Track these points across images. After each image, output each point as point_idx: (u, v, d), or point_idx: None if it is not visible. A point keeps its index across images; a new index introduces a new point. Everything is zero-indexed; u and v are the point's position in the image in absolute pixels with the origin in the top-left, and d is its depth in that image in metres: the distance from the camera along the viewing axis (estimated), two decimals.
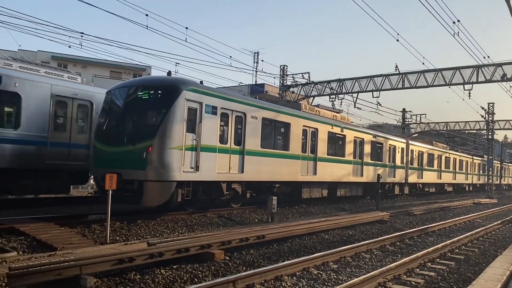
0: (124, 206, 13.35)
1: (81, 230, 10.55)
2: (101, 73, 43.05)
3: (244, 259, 8.69)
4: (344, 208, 20.14)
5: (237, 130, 14.65)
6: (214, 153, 13.48)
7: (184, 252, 8.14)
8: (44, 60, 43.37)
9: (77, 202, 16.04)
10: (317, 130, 19.14)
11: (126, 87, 13.27)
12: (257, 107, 15.79)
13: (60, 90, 14.39)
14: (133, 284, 6.55)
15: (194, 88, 13.01)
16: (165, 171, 11.89)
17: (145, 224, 12.00)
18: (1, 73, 13.08)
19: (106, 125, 13.13)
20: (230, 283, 6.42)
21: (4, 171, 13.03)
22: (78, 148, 14.81)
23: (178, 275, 7.16)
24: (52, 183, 14.75)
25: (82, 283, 6.30)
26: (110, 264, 6.86)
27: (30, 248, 8.89)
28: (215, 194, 14.27)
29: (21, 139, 13.29)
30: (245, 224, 13.78)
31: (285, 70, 31.30)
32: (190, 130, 12.65)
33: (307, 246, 10.56)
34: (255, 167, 15.24)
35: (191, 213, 13.78)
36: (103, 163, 12.47)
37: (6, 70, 13.44)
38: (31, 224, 10.25)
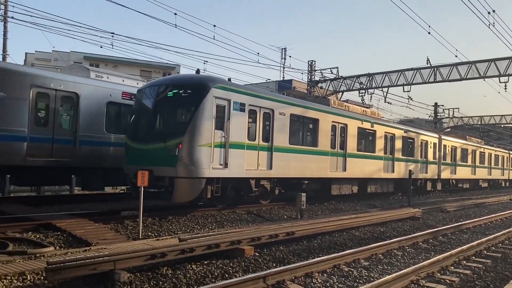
0: (156, 202, 13.64)
1: (114, 226, 10.80)
2: (131, 72, 43.82)
3: (274, 255, 8.70)
4: (375, 205, 19.84)
5: (265, 127, 14.65)
6: (242, 150, 13.53)
7: (215, 248, 8.20)
8: (76, 60, 44.61)
9: (111, 198, 16.43)
10: (347, 126, 18.91)
11: (156, 85, 13.48)
12: (285, 103, 15.74)
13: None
14: (165, 279, 6.66)
15: (222, 85, 13.08)
16: (194, 168, 12.03)
17: (176, 220, 12.18)
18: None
19: (137, 123, 13.39)
20: (260, 279, 6.43)
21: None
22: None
23: (209, 270, 7.23)
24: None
25: (116, 277, 6.45)
26: (142, 259, 6.99)
27: (66, 243, 9.18)
28: (244, 190, 14.33)
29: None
30: (274, 220, 13.78)
31: (313, 65, 31.06)
32: (218, 127, 12.74)
33: (337, 243, 10.47)
34: (283, 163, 15.21)
35: (220, 209, 13.89)
36: (135, 160, 12.73)
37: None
38: (67, 220, 10.57)
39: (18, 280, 6.22)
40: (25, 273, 6.48)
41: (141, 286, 6.30)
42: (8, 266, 6.79)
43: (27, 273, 6.50)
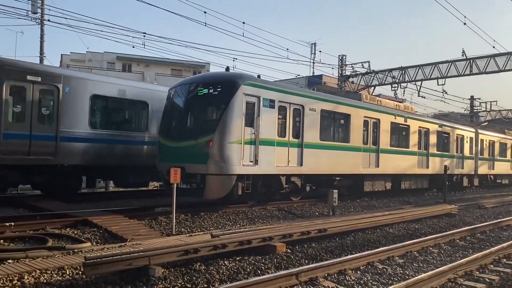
0: (188, 198, 13.83)
1: (148, 222, 11.02)
2: (163, 71, 44.60)
3: (306, 252, 8.64)
4: (409, 201, 19.42)
5: (295, 123, 14.57)
6: (272, 147, 13.51)
7: (246, 244, 8.23)
8: (110, 60, 45.69)
9: (144, 195, 16.76)
10: (379, 121, 18.56)
11: (186, 84, 13.64)
12: (315, 99, 15.59)
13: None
14: (199, 274, 6.73)
15: (252, 82, 13.09)
16: (225, 165, 12.11)
17: (208, 216, 12.30)
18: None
19: (169, 121, 13.59)
20: (293, 275, 6.41)
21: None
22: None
23: (241, 266, 7.26)
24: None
25: (151, 273, 6.57)
26: (176, 255, 7.09)
27: (102, 239, 9.43)
28: (274, 187, 14.32)
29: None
30: (305, 217, 13.71)
31: (344, 60, 30.64)
32: (248, 124, 12.76)
33: (370, 240, 10.30)
34: (314, 160, 15.09)
35: (251, 206, 13.94)
36: (168, 158, 12.94)
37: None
38: (103, 216, 10.86)
39: (58, 275, 6.43)
40: (64, 268, 6.69)
41: (175, 281, 6.39)
42: (48, 261, 7.04)
43: (66, 267, 6.72)
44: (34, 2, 23.51)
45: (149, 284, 6.28)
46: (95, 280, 6.24)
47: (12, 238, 8.77)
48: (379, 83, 29.08)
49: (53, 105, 13.47)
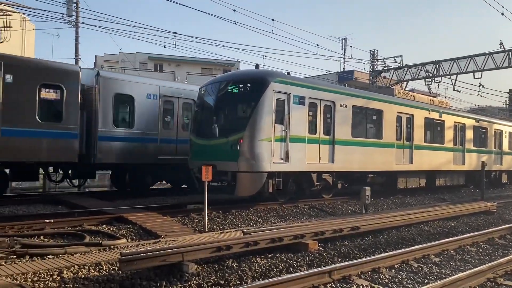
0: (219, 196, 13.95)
1: (181, 219, 11.18)
2: (193, 70, 45.14)
3: (339, 250, 8.55)
4: (445, 199, 18.91)
5: (326, 120, 14.43)
6: (303, 144, 13.43)
7: (278, 242, 8.21)
8: (142, 61, 46.60)
9: (177, 192, 17.02)
10: (413, 116, 18.14)
11: (217, 82, 13.74)
12: (347, 94, 15.40)
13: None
14: (231, 271, 6.77)
15: (282, 79, 13.04)
16: (255, 162, 12.13)
17: (239, 213, 12.37)
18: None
19: (200, 119, 13.74)
20: (326, 273, 6.35)
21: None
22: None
23: (273, 263, 7.26)
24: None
25: (184, 269, 6.66)
26: (209, 252, 7.16)
27: (137, 235, 9.64)
28: (305, 184, 14.24)
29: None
30: (337, 215, 13.58)
31: (375, 55, 30.10)
32: (278, 121, 12.74)
33: (405, 238, 10.09)
34: (346, 157, 14.90)
35: (282, 203, 13.91)
36: (199, 156, 13.08)
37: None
38: (137, 213, 11.10)
39: (95, 270, 6.62)
40: (101, 263, 6.88)
41: (208, 277, 6.45)
42: (86, 257, 7.26)
43: (103, 263, 6.90)
44: (69, 6, 24.24)
45: (183, 280, 6.37)
46: (130, 276, 6.38)
47: (51, 235, 9.09)
48: (412, 77, 28.40)
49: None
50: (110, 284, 6.04)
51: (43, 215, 10.71)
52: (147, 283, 6.12)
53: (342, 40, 39.01)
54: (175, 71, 44.41)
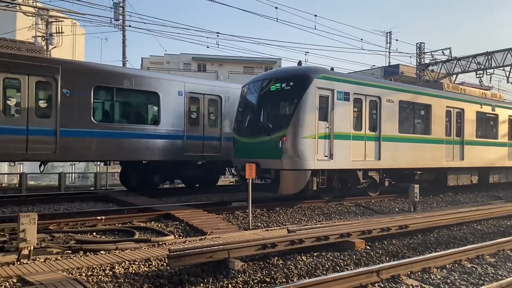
0: (263, 193, 13.99)
1: (226, 216, 11.31)
2: (235, 69, 45.51)
3: (387, 249, 8.33)
4: (499, 196, 18.01)
5: (371, 116, 14.11)
6: (348, 141, 13.20)
7: (324, 240, 8.12)
8: (186, 61, 47.53)
9: (221, 190, 17.24)
10: (463, 111, 17.39)
11: (259, 80, 13.75)
12: (393, 89, 14.97)
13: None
14: (277, 269, 6.76)
15: (325, 75, 12.87)
16: (299, 160, 12.05)
17: (283, 211, 12.34)
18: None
19: (243, 117, 13.81)
20: (373, 272, 6.21)
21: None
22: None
23: (319, 262, 7.18)
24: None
25: (230, 265, 6.73)
26: (254, 249, 7.19)
27: (184, 232, 9.84)
28: (351, 182, 13.99)
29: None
30: (384, 213, 13.26)
31: (422, 48, 29.09)
32: (322, 118, 12.58)
33: (456, 238, 9.69)
34: (392, 153, 14.51)
35: (327, 201, 13.75)
36: (242, 154, 13.16)
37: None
38: (184, 210, 11.34)
39: (145, 266, 6.81)
40: (150, 259, 7.08)
41: (254, 275, 6.48)
42: (136, 253, 7.50)
43: (152, 259, 7.09)
44: (116, 10, 25.11)
45: (229, 276, 6.43)
46: (178, 272, 6.52)
47: (103, 231, 9.45)
48: (462, 70, 27.18)
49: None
50: (159, 279, 6.20)
51: (95, 212, 11.17)
52: (194, 279, 6.23)
53: (387, 34, 38.06)
54: (217, 70, 44.97)
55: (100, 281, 5.98)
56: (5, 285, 5.66)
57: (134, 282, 6.02)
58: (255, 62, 44.91)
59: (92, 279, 6.02)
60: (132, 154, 14.24)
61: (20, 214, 7.01)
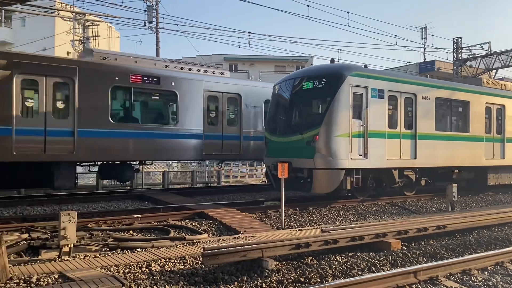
0: (296, 193, 13.92)
1: (259, 216, 11.32)
2: (267, 68, 45.53)
3: (424, 250, 8.12)
4: None
5: (407, 113, 13.79)
6: (383, 139, 12.95)
7: (358, 240, 8.00)
8: (217, 62, 47.97)
9: (254, 189, 17.28)
10: (504, 107, 16.73)
11: (291, 79, 13.69)
12: (429, 86, 14.58)
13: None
14: (311, 269, 6.71)
15: (358, 72, 12.67)
16: (332, 159, 11.91)
17: (316, 211, 12.24)
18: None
19: (275, 116, 13.79)
20: (411, 273, 6.07)
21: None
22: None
23: (354, 262, 7.07)
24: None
25: (264, 265, 6.73)
26: (288, 248, 7.16)
27: (218, 230, 9.92)
28: (386, 181, 13.72)
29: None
30: (421, 213, 12.93)
31: (460, 43, 28.17)
32: (356, 116, 12.40)
33: (498, 239, 9.31)
34: (429, 151, 14.13)
35: (361, 201, 13.53)
36: (274, 153, 13.15)
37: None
38: (217, 209, 11.43)
39: (180, 264, 6.91)
40: (185, 257, 7.17)
41: (288, 274, 6.45)
42: (171, 251, 7.62)
43: (187, 257, 7.19)
44: (150, 13, 25.60)
45: (263, 275, 6.43)
46: (213, 270, 6.58)
47: (139, 229, 9.66)
48: (503, 65, 26.11)
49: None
50: (194, 277, 6.27)
51: (131, 211, 11.42)
52: (228, 278, 6.27)
53: (422, 29, 37.11)
54: (249, 70, 45.12)
55: (137, 278, 6.11)
56: (47, 281, 5.88)
57: (170, 280, 6.12)
58: (286, 61, 44.78)
59: (129, 276, 6.16)
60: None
61: (60, 213, 7.26)
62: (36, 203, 12.68)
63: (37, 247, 7.70)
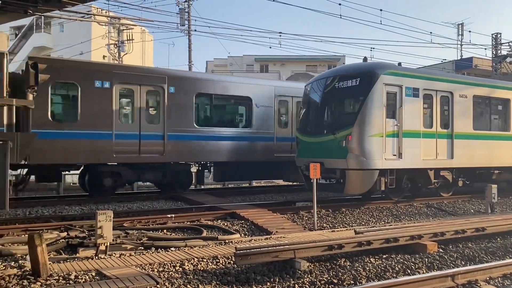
0: (328, 193, 13.77)
1: (290, 216, 11.27)
2: (298, 68, 45.31)
3: (462, 253, 7.86)
4: None
5: (443, 112, 13.41)
6: (418, 139, 12.64)
7: (393, 242, 7.83)
8: (248, 63, 48.15)
9: (285, 190, 17.23)
10: None
11: (323, 78, 13.56)
12: (466, 84, 14.13)
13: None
14: (344, 270, 6.62)
15: (392, 71, 12.43)
16: (366, 159, 11.72)
17: (349, 212, 12.08)
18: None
19: (306, 116, 13.71)
20: (448, 277, 5.89)
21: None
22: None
23: (388, 264, 6.93)
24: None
25: (296, 266, 6.69)
26: (320, 250, 7.09)
27: (249, 231, 9.95)
28: (421, 182, 13.38)
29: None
30: (458, 215, 12.53)
31: (499, 39, 27.16)
32: (390, 115, 12.16)
33: None
34: (466, 151, 13.69)
35: (396, 202, 13.25)
36: (306, 153, 13.06)
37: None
38: (248, 210, 11.47)
39: (212, 263, 6.97)
40: (218, 257, 7.22)
41: (320, 275, 6.39)
42: (204, 250, 7.69)
43: (219, 257, 7.24)
44: (182, 15, 26.01)
45: (295, 276, 6.40)
46: (245, 270, 6.59)
47: (173, 228, 9.81)
48: None
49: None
50: (227, 277, 6.31)
51: (165, 211, 11.62)
52: (261, 278, 6.27)
53: (458, 26, 35.96)
54: (280, 70, 45.04)
55: (171, 277, 6.20)
56: (85, 278, 6.05)
57: (203, 279, 6.17)
58: (318, 60, 44.42)
59: (163, 275, 6.26)
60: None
61: (97, 212, 7.47)
62: (74, 202, 13.10)
63: (75, 245, 7.93)
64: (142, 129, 13.57)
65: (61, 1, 16.16)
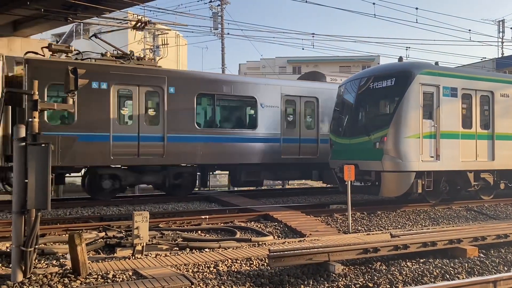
0: (363, 196, 13.54)
1: (324, 219, 11.16)
2: (331, 69, 44.86)
3: (505, 258, 7.55)
4: None
5: (483, 112, 12.96)
6: (456, 140, 12.26)
7: (431, 246, 7.62)
8: (281, 65, 48.12)
9: (318, 192, 17.08)
10: None
11: (357, 79, 13.37)
12: (508, 83, 13.60)
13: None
14: (380, 274, 6.50)
15: (429, 70, 12.12)
16: (402, 161, 11.47)
17: (385, 215, 11.84)
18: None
19: (340, 118, 13.55)
20: (490, 283, 5.68)
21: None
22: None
23: (426, 269, 6.74)
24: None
25: (331, 269, 6.62)
26: (355, 253, 6.99)
27: (283, 233, 9.92)
28: (460, 184, 12.96)
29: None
30: (500, 218, 12.06)
31: None
32: (427, 116, 11.86)
33: None
34: (509, 153, 13.17)
35: (433, 205, 12.88)
36: (340, 155, 12.91)
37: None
38: (282, 212, 11.44)
39: (246, 265, 7.00)
40: (251, 259, 7.25)
41: (355, 279, 6.30)
42: (238, 251, 7.74)
43: (253, 258, 7.26)
44: (215, 19, 26.31)
45: (330, 280, 6.33)
46: (279, 272, 6.59)
47: (207, 230, 9.91)
48: None
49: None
50: (261, 279, 6.32)
51: (199, 212, 11.76)
52: (294, 280, 6.25)
53: (499, 23, 34.64)
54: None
55: (205, 277, 6.27)
56: (122, 277, 6.21)
57: (237, 280, 6.21)
58: (351, 61, 43.91)
59: (198, 276, 6.34)
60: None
61: (134, 213, 7.65)
62: (111, 203, 13.46)
63: (113, 245, 8.15)
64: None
65: (98, 8, 16.69)
